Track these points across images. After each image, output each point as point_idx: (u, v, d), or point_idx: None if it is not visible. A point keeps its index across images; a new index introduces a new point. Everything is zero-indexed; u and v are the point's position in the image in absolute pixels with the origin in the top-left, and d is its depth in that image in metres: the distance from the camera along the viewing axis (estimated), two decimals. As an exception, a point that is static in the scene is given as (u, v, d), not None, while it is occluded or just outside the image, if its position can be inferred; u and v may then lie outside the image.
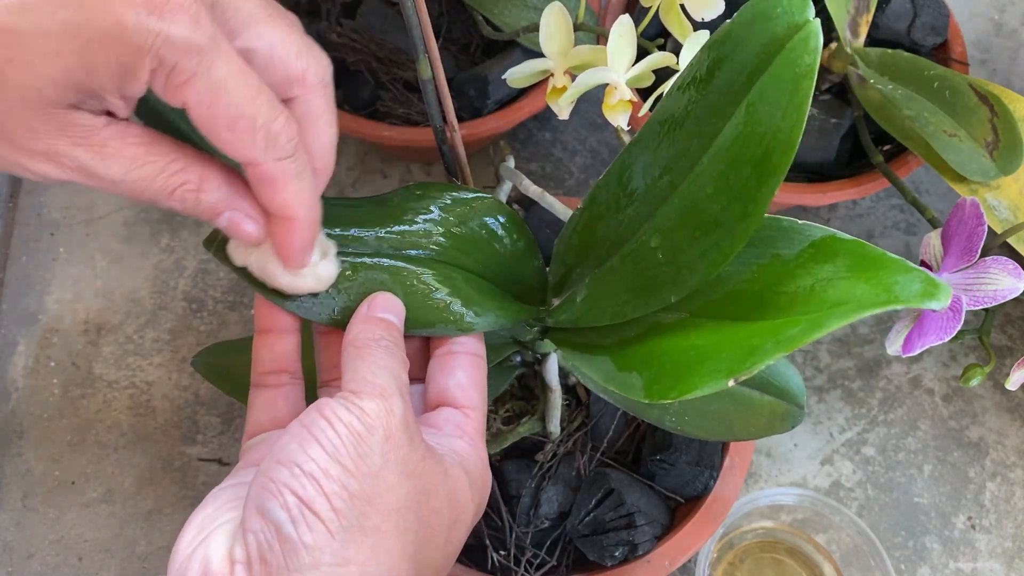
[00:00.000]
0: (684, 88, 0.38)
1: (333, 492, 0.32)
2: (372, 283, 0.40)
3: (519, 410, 0.60)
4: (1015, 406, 0.71)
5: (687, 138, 0.38)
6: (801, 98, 0.34)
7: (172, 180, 0.35)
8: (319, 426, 0.33)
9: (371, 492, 0.33)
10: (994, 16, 0.89)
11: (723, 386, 0.35)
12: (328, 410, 0.34)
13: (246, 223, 0.37)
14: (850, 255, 0.36)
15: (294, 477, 0.32)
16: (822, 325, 0.33)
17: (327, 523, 0.32)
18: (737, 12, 0.36)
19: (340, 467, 0.32)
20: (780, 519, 0.65)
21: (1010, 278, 0.51)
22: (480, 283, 0.44)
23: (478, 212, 0.45)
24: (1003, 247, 0.59)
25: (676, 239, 0.38)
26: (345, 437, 0.33)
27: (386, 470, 0.34)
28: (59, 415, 0.70)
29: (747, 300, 0.38)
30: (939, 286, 0.33)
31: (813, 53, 0.33)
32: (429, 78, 0.44)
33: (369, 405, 0.34)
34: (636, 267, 0.40)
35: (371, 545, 0.33)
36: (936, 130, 0.61)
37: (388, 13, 0.73)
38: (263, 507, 0.32)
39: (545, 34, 0.47)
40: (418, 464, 0.35)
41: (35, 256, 0.76)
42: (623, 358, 0.40)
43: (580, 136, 0.82)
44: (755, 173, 0.35)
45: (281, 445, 0.33)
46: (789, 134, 0.34)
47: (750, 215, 0.35)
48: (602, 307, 0.42)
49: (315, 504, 0.32)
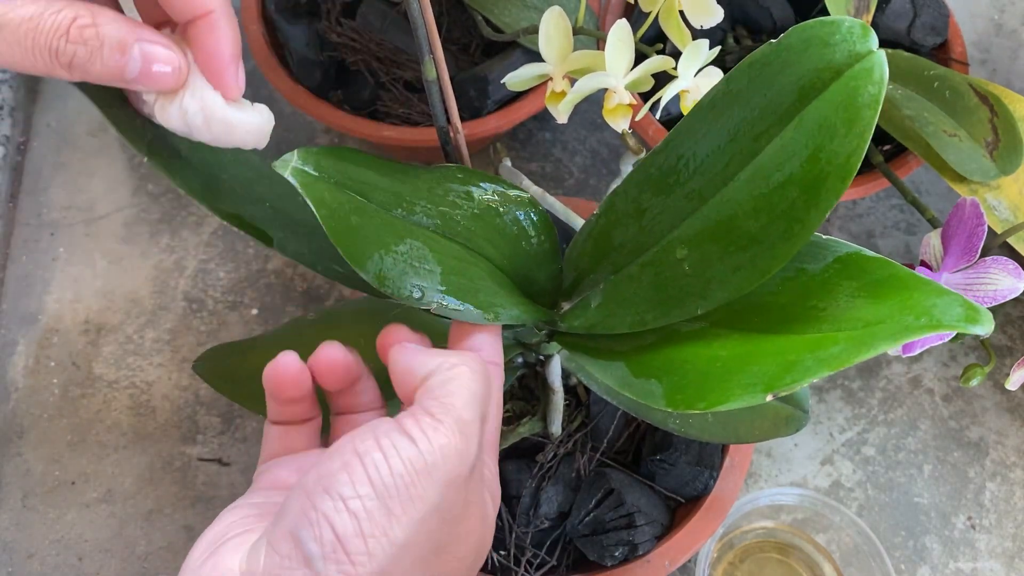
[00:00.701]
0: (716, 103, 0.38)
1: (372, 535, 0.30)
2: (416, 252, 0.39)
3: (519, 410, 0.60)
4: (1015, 406, 0.71)
5: (720, 153, 0.38)
6: (863, 127, 0.33)
7: (61, 17, 0.31)
8: (371, 456, 0.31)
9: (411, 540, 0.31)
10: (994, 16, 0.89)
11: (760, 401, 0.34)
12: (386, 440, 0.31)
13: (158, 50, 0.33)
14: (878, 274, 0.36)
15: (336, 512, 0.30)
16: (869, 345, 0.33)
17: (357, 567, 0.30)
18: (784, 34, 0.35)
19: (386, 512, 0.30)
20: (780, 519, 0.65)
21: (1010, 278, 0.51)
22: (501, 277, 0.44)
23: (513, 206, 0.44)
24: (1003, 247, 0.59)
25: (706, 251, 0.38)
26: (400, 477, 0.30)
27: (432, 516, 0.31)
28: (59, 415, 0.70)
29: (773, 313, 0.37)
30: (980, 311, 0.32)
31: (879, 84, 0.33)
32: (434, 79, 0.44)
33: (442, 441, 0.31)
34: (658, 277, 0.40)
35: None
36: (936, 130, 0.61)
37: (388, 13, 0.73)
38: (297, 534, 0.30)
39: (544, 38, 0.47)
40: (462, 511, 0.33)
41: (35, 256, 0.77)
42: (639, 365, 0.40)
43: (580, 136, 0.82)
44: (804, 195, 0.35)
45: (325, 465, 0.31)
46: (847, 160, 0.34)
47: (795, 235, 0.35)
48: (621, 315, 0.41)
49: (350, 545, 0.30)
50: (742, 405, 0.34)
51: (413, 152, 0.78)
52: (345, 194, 0.37)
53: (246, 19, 0.74)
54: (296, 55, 0.73)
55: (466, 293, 0.40)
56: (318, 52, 0.73)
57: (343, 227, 0.36)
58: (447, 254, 0.40)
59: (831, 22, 0.35)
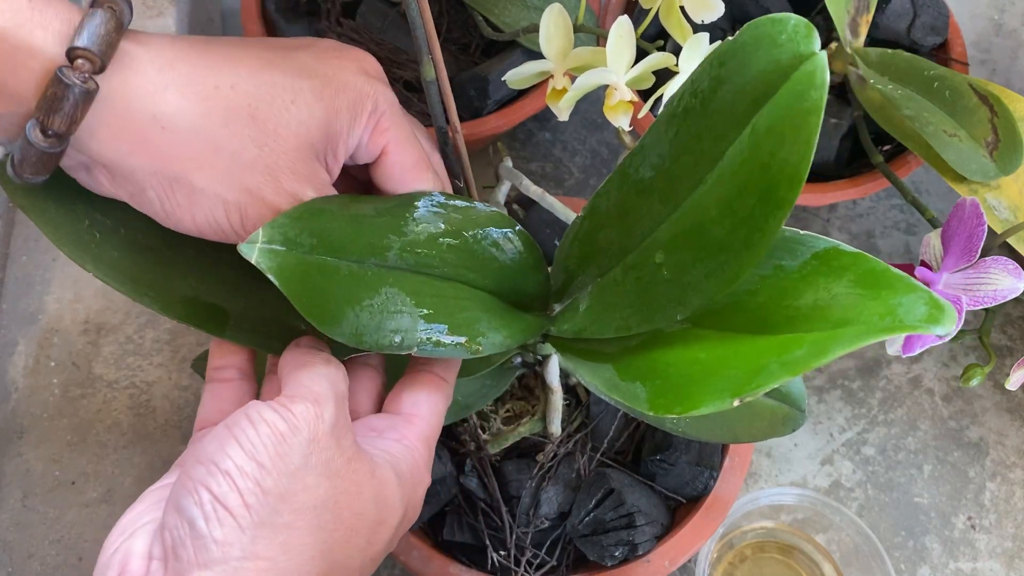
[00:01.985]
0: (684, 103, 0.37)
1: (247, 489, 0.33)
2: (391, 299, 0.39)
3: (519, 410, 0.60)
4: (1015, 406, 0.71)
5: (689, 155, 0.37)
6: (808, 133, 0.33)
7: None
8: (240, 426, 0.34)
9: (286, 490, 0.34)
10: (994, 16, 0.89)
11: (728, 406, 0.34)
12: (253, 411, 0.35)
13: None
14: (854, 269, 0.35)
15: (210, 475, 0.33)
16: (827, 351, 0.33)
17: (238, 519, 0.32)
18: (739, 31, 0.35)
19: (256, 465, 0.33)
20: (780, 519, 0.65)
21: (1010, 278, 0.51)
22: (485, 298, 0.43)
23: (488, 226, 0.44)
24: (1003, 247, 0.59)
25: (682, 257, 0.38)
26: (266, 436, 0.34)
27: (305, 470, 0.34)
28: (59, 415, 0.70)
29: (751, 312, 0.37)
30: (943, 310, 0.32)
31: (820, 88, 0.33)
32: (433, 79, 0.44)
33: (299, 408, 0.35)
34: (640, 281, 0.40)
35: (282, 542, 0.33)
36: (936, 130, 0.61)
37: (388, 13, 0.73)
38: (179, 504, 0.33)
39: (545, 36, 0.47)
40: (343, 466, 0.36)
41: (35, 256, 0.76)
42: (626, 368, 0.40)
43: (580, 136, 0.82)
44: (761, 204, 0.34)
45: (203, 445, 0.34)
46: (796, 168, 0.33)
47: (755, 244, 0.35)
48: (606, 320, 0.41)
49: (227, 500, 0.33)
50: (712, 410, 0.35)
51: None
52: (316, 260, 0.37)
53: (246, 19, 0.74)
54: (296, 55, 0.73)
55: (447, 328, 0.40)
56: (318, 52, 0.73)
57: (314, 300, 0.37)
58: (425, 293, 0.40)
59: (779, 20, 0.34)
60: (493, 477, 0.58)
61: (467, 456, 0.59)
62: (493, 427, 0.59)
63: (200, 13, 0.79)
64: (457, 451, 0.59)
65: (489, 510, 0.57)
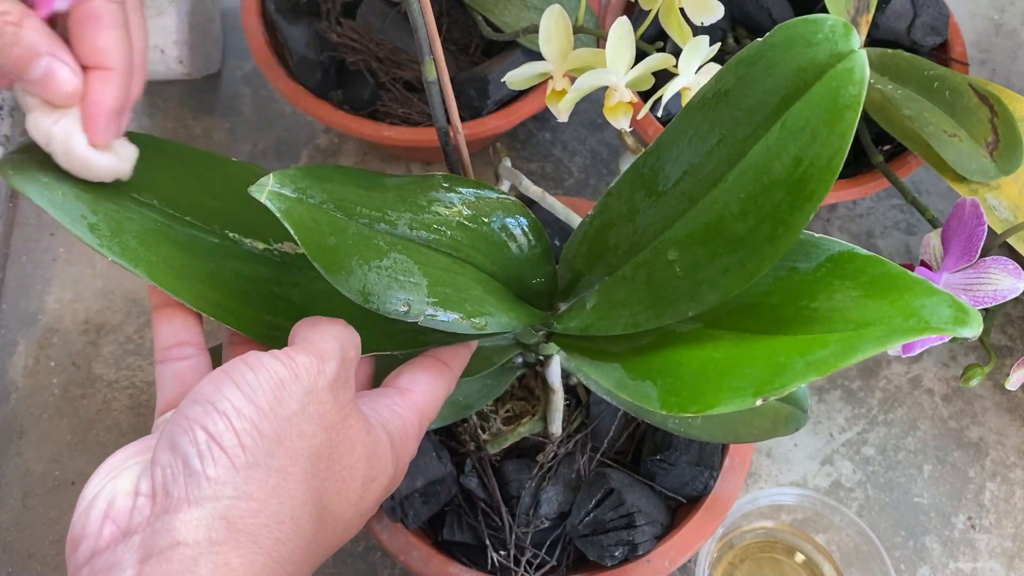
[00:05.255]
0: (705, 103, 0.37)
1: (243, 429, 0.33)
2: (400, 266, 0.39)
3: (519, 410, 0.60)
4: (1015, 406, 0.71)
5: (708, 154, 0.37)
6: (845, 128, 0.33)
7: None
8: (239, 371, 0.34)
9: (282, 434, 0.34)
10: (994, 16, 0.89)
11: (750, 404, 0.34)
12: (253, 358, 0.34)
13: (64, 70, 0.38)
14: (869, 272, 0.35)
15: (206, 414, 0.33)
16: (856, 349, 0.33)
17: (232, 457, 0.32)
18: (769, 33, 0.35)
19: (254, 407, 0.33)
20: (780, 519, 0.65)
21: (1010, 278, 0.51)
22: (491, 283, 0.43)
23: (501, 212, 0.44)
24: (1003, 247, 0.59)
25: (696, 254, 0.38)
26: (265, 381, 0.34)
27: (302, 417, 0.34)
28: (59, 415, 0.70)
29: (766, 313, 0.37)
30: (969, 312, 0.32)
31: (859, 84, 0.33)
32: (434, 79, 0.44)
33: (302, 358, 0.35)
34: (651, 278, 0.40)
35: (275, 484, 0.33)
36: (936, 130, 0.61)
37: (388, 13, 0.73)
38: (173, 442, 0.33)
39: (545, 36, 0.47)
40: (338, 421, 0.36)
41: (35, 256, 0.77)
42: (635, 366, 0.40)
43: (580, 136, 0.82)
44: (789, 197, 0.35)
45: (199, 387, 0.34)
46: (830, 162, 0.34)
47: (780, 237, 0.35)
48: (614, 317, 0.41)
49: (223, 439, 0.32)
50: (732, 409, 0.34)
51: (413, 152, 0.78)
52: (326, 214, 0.37)
53: (246, 19, 0.74)
54: (296, 55, 0.73)
55: (453, 303, 0.40)
56: (318, 52, 0.73)
57: (323, 247, 0.36)
58: (434, 266, 0.40)
59: (814, 20, 0.34)
60: (493, 477, 0.58)
61: (467, 456, 0.59)
62: (493, 427, 0.59)
63: (200, 13, 0.79)
64: (457, 451, 0.59)
65: (489, 510, 0.57)
